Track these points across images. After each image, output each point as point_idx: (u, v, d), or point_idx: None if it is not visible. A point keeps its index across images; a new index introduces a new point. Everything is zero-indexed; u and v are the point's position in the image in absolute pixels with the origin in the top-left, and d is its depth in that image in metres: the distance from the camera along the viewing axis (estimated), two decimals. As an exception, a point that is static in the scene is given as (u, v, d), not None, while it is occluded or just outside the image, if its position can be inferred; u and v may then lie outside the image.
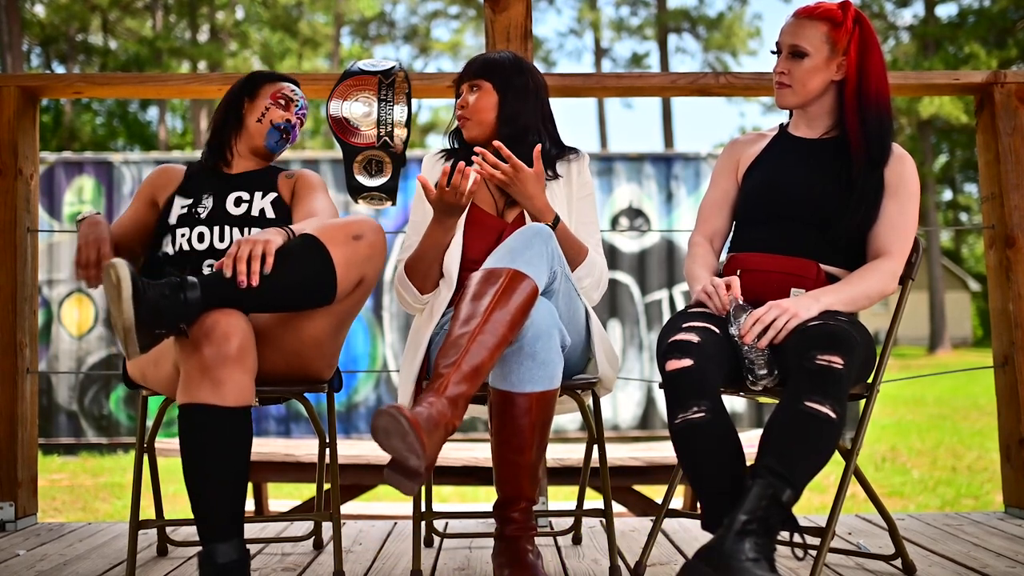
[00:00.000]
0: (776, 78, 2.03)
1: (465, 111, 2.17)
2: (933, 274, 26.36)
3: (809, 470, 1.66)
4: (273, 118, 2.22)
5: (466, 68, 2.21)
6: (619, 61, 31.51)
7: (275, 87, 2.25)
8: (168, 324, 1.68)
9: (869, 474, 6.81)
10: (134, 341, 1.63)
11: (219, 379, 1.69)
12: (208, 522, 1.70)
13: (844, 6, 1.99)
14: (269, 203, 2.16)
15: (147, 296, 1.65)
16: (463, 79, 2.21)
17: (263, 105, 2.23)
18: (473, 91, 2.18)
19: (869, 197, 1.95)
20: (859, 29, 1.97)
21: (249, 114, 2.23)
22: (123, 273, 1.63)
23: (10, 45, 20.25)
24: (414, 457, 1.55)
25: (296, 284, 1.79)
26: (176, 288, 1.70)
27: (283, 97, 2.25)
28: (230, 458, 1.71)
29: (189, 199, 2.16)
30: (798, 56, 1.98)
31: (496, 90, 2.17)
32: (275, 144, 2.24)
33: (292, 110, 2.25)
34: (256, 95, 2.24)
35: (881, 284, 1.92)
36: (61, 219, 8.44)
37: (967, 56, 24.13)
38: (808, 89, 2.00)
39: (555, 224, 2.04)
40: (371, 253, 1.86)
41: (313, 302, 1.84)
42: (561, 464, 3.83)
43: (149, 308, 1.65)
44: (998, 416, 2.78)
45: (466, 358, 1.68)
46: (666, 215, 8.60)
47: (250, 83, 2.27)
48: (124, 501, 6.23)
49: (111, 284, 1.65)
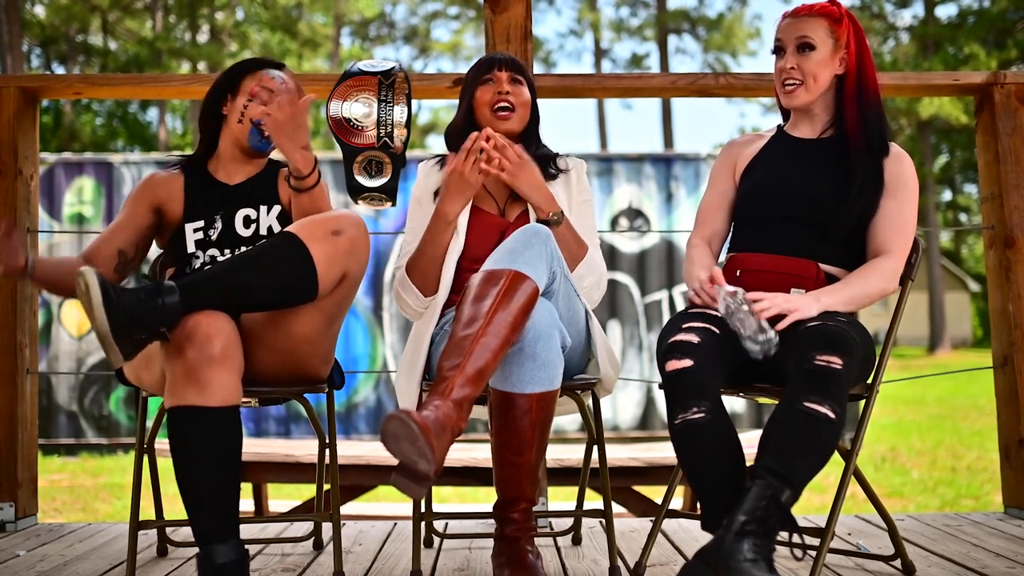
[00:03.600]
0: (784, 76, 2.01)
1: (511, 97, 2.14)
2: (933, 274, 26.37)
3: (808, 470, 1.66)
4: (253, 115, 2.11)
5: (502, 59, 2.18)
6: (619, 62, 31.53)
7: (255, 79, 2.13)
8: (147, 329, 1.68)
9: (869, 474, 6.81)
10: (114, 348, 1.63)
11: (204, 380, 1.68)
12: (203, 524, 1.70)
13: (835, 3, 2.02)
14: (275, 219, 2.13)
15: (121, 302, 1.64)
16: (502, 67, 2.17)
17: (242, 103, 2.12)
18: (516, 83, 2.17)
19: (868, 189, 1.95)
20: (853, 24, 2.01)
21: (231, 113, 2.13)
22: (91, 280, 1.62)
23: (10, 46, 20.25)
24: (424, 461, 1.55)
25: (276, 282, 1.78)
26: (152, 293, 1.69)
27: (263, 89, 2.12)
28: (220, 458, 1.71)
29: (200, 222, 2.11)
30: (807, 49, 1.99)
31: (530, 92, 2.19)
32: (259, 143, 2.14)
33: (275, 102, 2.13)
34: (237, 91, 2.14)
35: (882, 284, 1.92)
36: (61, 219, 8.44)
37: (967, 57, 24.14)
38: (819, 83, 2.00)
39: (559, 218, 2.04)
40: (352, 248, 1.84)
41: (295, 300, 1.83)
42: (561, 464, 3.83)
43: (124, 314, 1.63)
44: (998, 416, 2.79)
45: (470, 361, 1.68)
46: (666, 216, 8.60)
47: (230, 77, 2.15)
48: (124, 501, 6.23)
49: (82, 292, 1.63)
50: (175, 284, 1.72)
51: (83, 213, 8.52)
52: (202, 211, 2.13)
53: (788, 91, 2.02)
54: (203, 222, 2.11)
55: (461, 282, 2.07)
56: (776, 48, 2.04)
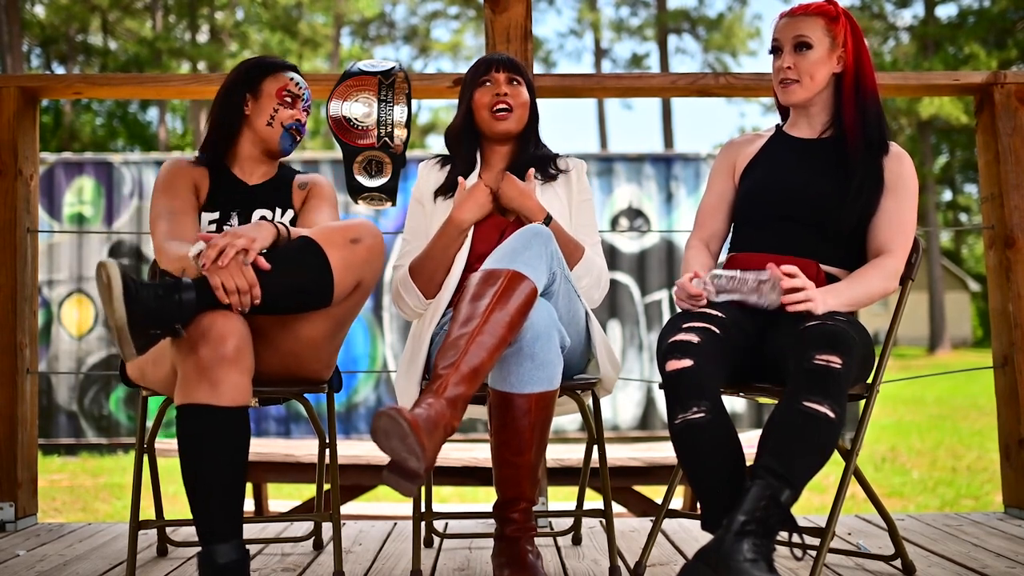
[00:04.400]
0: (781, 75, 2.02)
1: (509, 98, 2.14)
2: (933, 274, 26.36)
3: (808, 470, 1.66)
4: (283, 120, 2.13)
5: (499, 60, 2.19)
6: (619, 62, 31.52)
7: (278, 82, 2.14)
8: (163, 324, 1.68)
9: (869, 474, 6.81)
10: (128, 341, 1.63)
11: (216, 380, 1.69)
12: (207, 523, 1.70)
13: (831, 2, 2.03)
14: (288, 222, 2.13)
15: (140, 296, 1.64)
16: (500, 68, 2.17)
17: (270, 106, 2.12)
18: (513, 84, 2.17)
19: (868, 187, 1.96)
20: (850, 22, 2.02)
21: (255, 115, 2.13)
22: (113, 273, 1.62)
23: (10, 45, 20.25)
24: (413, 459, 1.55)
25: (293, 287, 1.79)
26: (171, 289, 1.70)
27: (289, 94, 2.14)
28: (228, 458, 1.71)
29: (215, 213, 2.11)
30: (804, 48, 1.99)
31: (528, 91, 2.19)
32: (289, 146, 2.17)
33: (299, 106, 2.16)
34: (259, 92, 2.13)
35: (883, 284, 1.92)
36: (61, 219, 8.44)
37: (967, 57, 24.14)
38: (816, 82, 2.01)
39: (547, 222, 2.04)
40: (369, 257, 1.86)
41: (310, 305, 1.84)
42: (561, 464, 3.83)
43: (142, 308, 1.64)
44: (998, 416, 2.79)
45: (465, 359, 1.68)
46: (666, 215, 8.61)
47: (250, 77, 2.15)
48: (124, 501, 6.23)
49: (103, 285, 1.64)
50: (192, 282, 1.72)
51: (83, 213, 8.52)
52: (220, 204, 2.13)
53: (785, 88, 2.02)
54: (219, 214, 2.12)
55: (461, 282, 2.07)
56: (773, 48, 2.05)
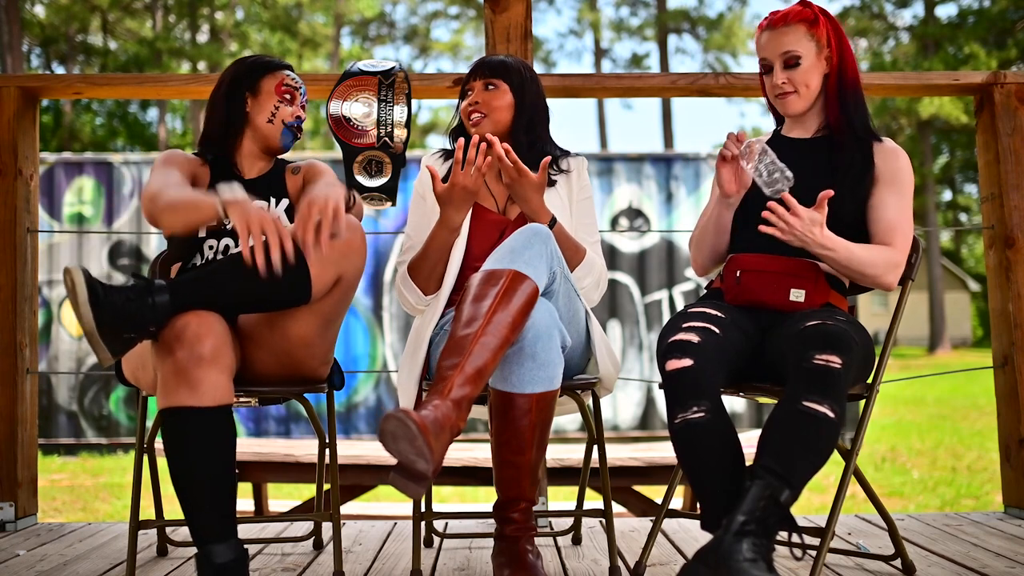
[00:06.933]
0: (777, 91, 2.03)
1: (480, 106, 2.15)
2: (933, 274, 26.38)
3: (807, 470, 1.66)
4: (284, 117, 2.14)
5: (479, 66, 2.19)
6: (619, 62, 31.53)
7: (276, 79, 2.14)
8: (136, 328, 1.68)
9: (869, 474, 6.82)
10: (101, 345, 1.63)
11: (195, 381, 1.68)
12: (199, 524, 1.70)
13: (805, 3, 2.03)
14: (283, 211, 2.14)
15: (109, 300, 1.64)
16: (477, 76, 2.18)
17: (270, 104, 2.13)
18: (488, 89, 2.16)
19: (856, 170, 1.97)
20: (828, 20, 2.03)
21: (256, 112, 2.13)
22: (78, 278, 1.62)
23: (10, 45, 20.26)
24: (422, 461, 1.54)
25: (268, 284, 1.76)
26: (142, 291, 1.69)
27: (288, 91, 2.15)
28: (214, 458, 1.70)
29: None
30: (794, 64, 2.00)
31: (512, 92, 2.17)
32: (289, 143, 2.18)
33: (297, 102, 2.17)
34: (258, 90, 2.14)
35: (882, 264, 1.90)
36: (61, 219, 8.44)
37: (967, 56, 24.16)
38: (812, 90, 2.02)
39: (551, 225, 2.04)
40: (347, 251, 1.83)
41: (287, 302, 1.82)
42: (561, 464, 3.83)
43: (111, 312, 1.64)
44: (998, 416, 2.79)
45: (469, 360, 1.68)
46: (666, 215, 8.61)
47: (248, 76, 2.15)
48: (124, 501, 6.23)
49: (69, 289, 1.64)
50: (165, 283, 1.72)
51: (83, 213, 8.52)
52: None
53: (783, 100, 2.03)
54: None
55: (461, 281, 2.07)
56: (763, 67, 2.05)
